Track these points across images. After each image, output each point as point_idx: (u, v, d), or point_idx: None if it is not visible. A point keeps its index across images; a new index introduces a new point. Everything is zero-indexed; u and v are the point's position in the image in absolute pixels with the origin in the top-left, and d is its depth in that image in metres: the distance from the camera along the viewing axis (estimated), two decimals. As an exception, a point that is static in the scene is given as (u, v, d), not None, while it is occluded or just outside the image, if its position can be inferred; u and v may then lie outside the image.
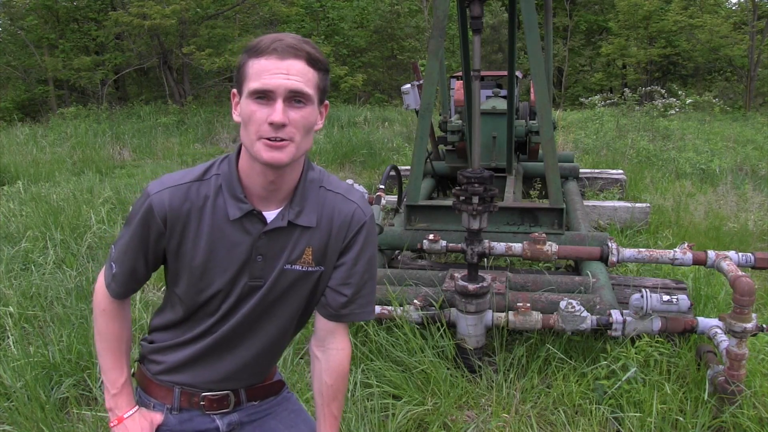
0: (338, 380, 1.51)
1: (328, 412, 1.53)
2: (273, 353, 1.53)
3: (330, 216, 1.41)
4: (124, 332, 1.49)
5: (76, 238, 5.36)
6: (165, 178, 1.37)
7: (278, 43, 1.22)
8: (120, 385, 1.47)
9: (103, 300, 1.45)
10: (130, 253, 1.37)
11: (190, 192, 1.33)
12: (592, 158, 10.22)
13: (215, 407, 1.48)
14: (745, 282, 2.72)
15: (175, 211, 1.32)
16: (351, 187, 1.49)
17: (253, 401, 1.55)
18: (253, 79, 1.22)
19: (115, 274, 1.41)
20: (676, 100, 16.33)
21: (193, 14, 17.15)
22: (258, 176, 1.32)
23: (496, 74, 10.83)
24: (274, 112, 1.21)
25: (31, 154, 10.80)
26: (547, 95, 4.29)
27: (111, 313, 1.46)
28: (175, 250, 1.36)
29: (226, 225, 1.34)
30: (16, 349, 3.30)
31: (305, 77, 1.23)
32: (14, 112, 19.32)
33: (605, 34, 30.92)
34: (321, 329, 1.51)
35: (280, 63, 1.21)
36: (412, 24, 24.92)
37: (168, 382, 1.47)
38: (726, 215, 6.67)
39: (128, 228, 1.37)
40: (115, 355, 1.47)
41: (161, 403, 1.48)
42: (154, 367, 1.48)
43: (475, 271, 3.24)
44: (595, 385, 3.00)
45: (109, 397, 1.47)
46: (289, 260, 1.39)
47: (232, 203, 1.33)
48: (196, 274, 1.36)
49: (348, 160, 10.76)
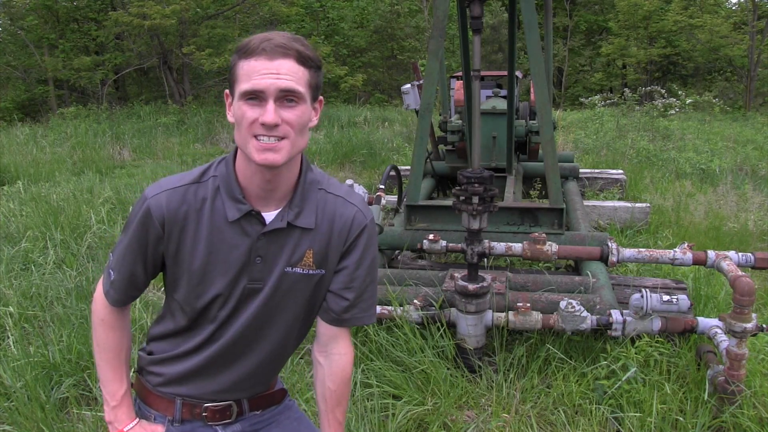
0: (341, 385, 1.50)
1: (332, 418, 1.51)
2: (276, 362, 1.51)
3: (331, 219, 1.40)
4: (124, 342, 1.46)
5: (76, 238, 5.36)
6: (162, 181, 1.36)
7: (267, 43, 1.21)
8: (120, 397, 1.44)
9: (101, 309, 1.43)
10: (128, 258, 1.36)
11: (187, 194, 1.32)
12: (592, 158, 10.22)
13: (218, 418, 1.46)
14: (745, 282, 2.72)
15: (172, 214, 1.31)
16: (351, 190, 1.48)
17: (255, 411, 1.53)
18: (243, 80, 1.21)
19: (113, 281, 1.39)
20: (676, 100, 16.33)
21: (193, 14, 17.15)
22: (255, 176, 1.31)
23: (496, 74, 10.83)
24: (266, 113, 1.20)
25: (31, 154, 10.80)
26: (547, 95, 4.29)
27: (110, 322, 1.43)
28: (174, 253, 1.34)
29: (224, 227, 1.33)
30: (16, 349, 3.29)
31: (296, 76, 1.22)
32: (14, 112, 19.33)
33: (605, 34, 30.92)
34: (323, 334, 1.49)
35: (270, 63, 1.20)
36: (412, 24, 24.93)
37: (169, 393, 1.45)
38: (726, 215, 6.67)
39: (126, 233, 1.36)
40: (114, 366, 1.45)
41: (162, 414, 1.45)
42: (154, 378, 1.46)
43: (475, 271, 3.24)
44: (595, 385, 3.00)
45: (108, 410, 1.45)
46: (289, 263, 1.37)
47: (231, 204, 1.32)
48: (195, 277, 1.35)
49: (348, 160, 10.76)
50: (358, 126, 14.89)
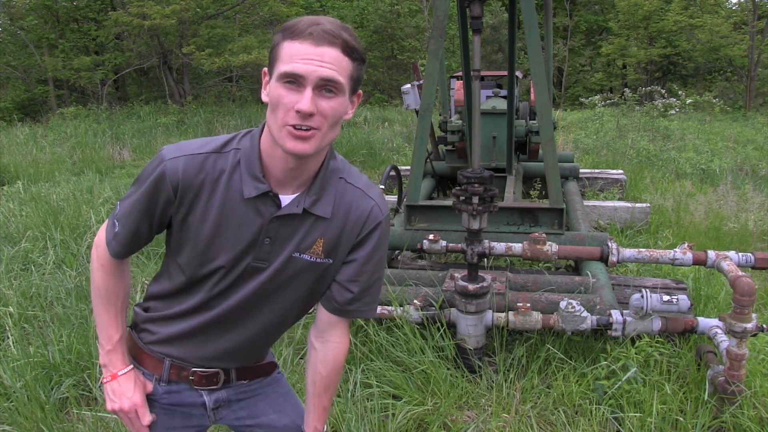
0: (332, 372, 1.51)
1: (318, 402, 1.53)
2: (268, 339, 1.51)
3: (347, 209, 1.38)
4: (122, 289, 1.45)
5: (76, 238, 5.36)
6: (182, 144, 1.32)
7: (315, 27, 1.17)
8: (115, 342, 1.44)
9: (102, 255, 1.41)
10: (135, 215, 1.33)
11: (206, 163, 1.29)
12: (592, 158, 10.22)
13: (204, 383, 1.48)
14: (745, 282, 2.72)
15: (188, 180, 1.28)
16: (371, 182, 1.45)
17: (242, 380, 1.54)
18: (284, 61, 1.17)
19: (117, 233, 1.36)
20: (676, 100, 16.35)
21: (193, 14, 17.14)
22: (279, 160, 1.28)
23: (496, 74, 10.83)
24: (303, 99, 1.16)
25: (31, 154, 10.80)
26: (547, 95, 4.29)
27: (109, 268, 1.42)
28: (182, 219, 1.32)
29: (238, 202, 1.30)
30: (16, 349, 3.29)
31: (339, 65, 1.18)
32: (14, 112, 19.33)
33: (605, 34, 30.94)
34: (322, 321, 1.49)
35: (314, 49, 1.16)
36: (412, 24, 24.94)
37: (159, 353, 1.46)
38: (726, 215, 6.66)
39: (137, 189, 1.32)
40: (110, 311, 1.43)
41: (150, 373, 1.47)
42: (147, 336, 1.46)
43: (475, 271, 3.24)
44: (595, 385, 3.00)
45: (103, 354, 1.44)
46: (298, 248, 1.36)
47: (249, 181, 1.29)
48: (200, 247, 1.33)
49: (348, 160, 10.74)
50: (358, 126, 14.90)
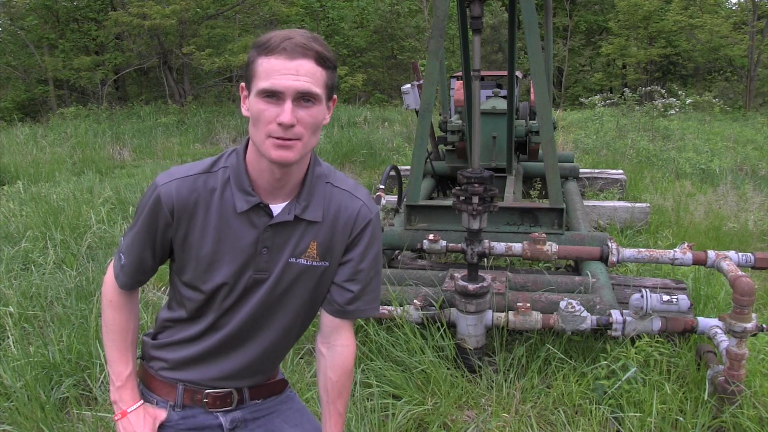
0: (343, 377, 1.52)
1: (333, 409, 1.54)
2: (278, 352, 1.54)
3: (336, 212, 1.42)
4: (131, 324, 1.50)
5: (76, 238, 5.36)
6: (173, 170, 1.39)
7: (288, 42, 1.22)
8: (125, 378, 1.47)
9: (111, 291, 1.47)
10: (138, 244, 1.39)
11: (197, 183, 1.35)
12: (592, 158, 10.22)
13: (218, 404, 1.49)
14: (745, 282, 2.72)
15: (182, 201, 1.34)
16: (357, 184, 1.50)
17: (256, 399, 1.56)
18: (262, 78, 1.23)
19: (123, 265, 1.43)
20: (676, 100, 16.33)
21: (193, 14, 17.15)
22: (265, 172, 1.34)
23: (496, 74, 10.82)
24: (283, 113, 1.22)
25: (31, 154, 10.80)
26: (547, 95, 4.29)
27: (118, 304, 1.47)
28: (182, 239, 1.37)
29: (233, 217, 1.36)
30: (16, 349, 3.30)
31: (314, 77, 1.24)
32: (14, 112, 19.34)
33: (605, 34, 30.92)
34: (327, 326, 1.52)
35: (290, 63, 1.21)
36: (412, 24, 24.93)
37: (171, 379, 1.48)
38: (726, 215, 6.66)
39: (136, 220, 1.39)
40: (120, 347, 1.48)
41: (164, 399, 1.48)
42: (157, 363, 1.49)
43: (475, 271, 3.24)
44: (595, 385, 3.00)
45: (113, 390, 1.48)
46: (294, 254, 1.40)
47: (240, 196, 1.35)
48: (202, 265, 1.38)
49: (348, 160, 10.77)
50: (358, 126, 14.90)
